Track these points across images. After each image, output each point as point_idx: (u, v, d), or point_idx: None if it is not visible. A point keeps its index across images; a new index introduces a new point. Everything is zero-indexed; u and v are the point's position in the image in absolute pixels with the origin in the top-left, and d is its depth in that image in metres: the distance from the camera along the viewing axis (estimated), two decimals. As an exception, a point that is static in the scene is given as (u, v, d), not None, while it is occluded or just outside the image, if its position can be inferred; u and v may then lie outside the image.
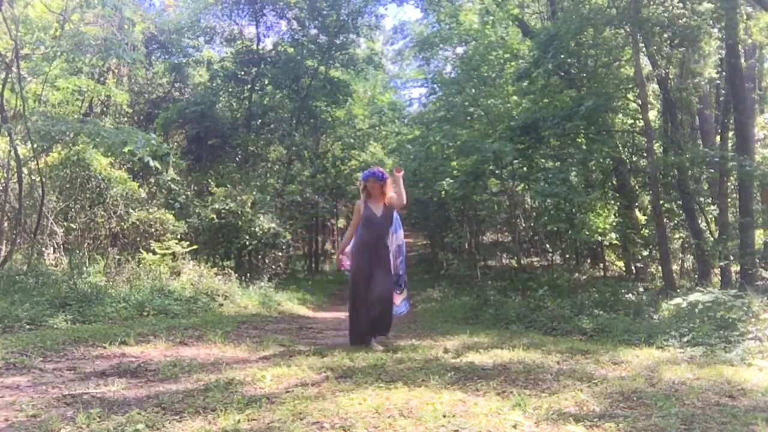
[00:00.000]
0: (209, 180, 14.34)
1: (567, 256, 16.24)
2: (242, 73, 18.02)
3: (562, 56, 11.64)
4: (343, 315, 11.00)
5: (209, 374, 3.93)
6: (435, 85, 16.50)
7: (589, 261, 16.32)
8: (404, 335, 6.87)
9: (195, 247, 11.33)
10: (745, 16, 11.22)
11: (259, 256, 15.10)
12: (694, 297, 6.76)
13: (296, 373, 3.95)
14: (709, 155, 10.94)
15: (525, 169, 12.22)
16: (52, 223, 9.38)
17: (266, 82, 18.38)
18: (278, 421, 2.75)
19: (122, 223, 10.90)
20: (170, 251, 10.35)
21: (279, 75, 17.59)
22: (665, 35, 11.54)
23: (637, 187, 13.77)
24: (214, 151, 17.05)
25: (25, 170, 8.95)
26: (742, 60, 12.15)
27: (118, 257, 9.75)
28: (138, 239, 11.10)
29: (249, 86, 18.18)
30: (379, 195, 5.41)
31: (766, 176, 10.32)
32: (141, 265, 9.54)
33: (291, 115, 19.04)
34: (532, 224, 17.52)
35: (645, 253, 13.54)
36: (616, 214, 13.02)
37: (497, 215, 17.78)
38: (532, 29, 14.50)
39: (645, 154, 12.36)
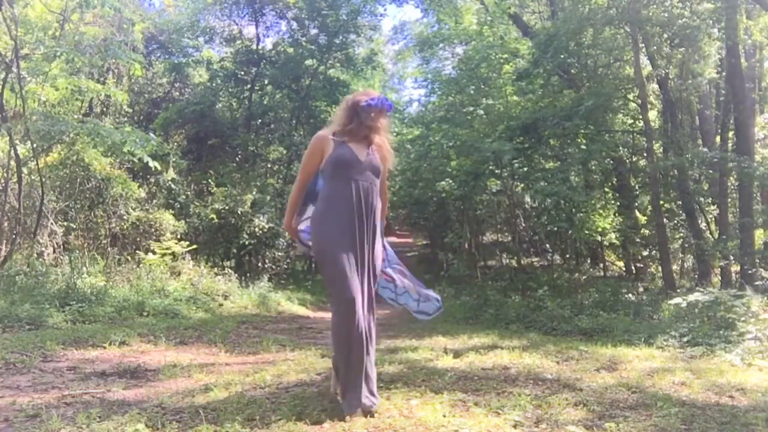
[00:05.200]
0: (209, 180, 14.33)
1: (567, 256, 16.23)
2: (242, 73, 18.01)
3: (562, 56, 11.64)
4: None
5: (209, 374, 3.93)
6: (435, 85, 16.50)
7: (589, 261, 16.31)
8: (404, 335, 6.87)
9: (195, 247, 11.32)
10: (745, 16, 11.22)
11: (259, 256, 15.09)
12: (694, 297, 6.76)
13: (296, 373, 3.95)
14: (709, 155, 10.94)
15: (525, 169, 12.22)
16: (51, 223, 9.38)
17: (266, 82, 18.37)
18: (278, 422, 2.75)
19: (122, 223, 10.90)
20: (170, 251, 10.35)
21: (279, 75, 17.58)
22: (665, 35, 11.54)
23: (637, 187, 13.77)
24: (214, 151, 17.05)
25: (24, 170, 8.94)
26: (742, 60, 12.14)
27: (118, 257, 9.74)
28: (138, 239, 11.09)
29: (249, 86, 18.16)
30: (367, 137, 3.16)
31: (766, 176, 10.32)
32: (141, 265, 9.53)
33: (291, 115, 19.03)
34: (532, 224, 17.51)
35: (645, 253, 13.54)
36: (616, 214, 13.03)
37: (497, 215, 17.78)
38: (532, 29, 14.50)
39: (645, 154, 12.37)
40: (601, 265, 15.21)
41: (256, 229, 13.50)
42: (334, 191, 3.03)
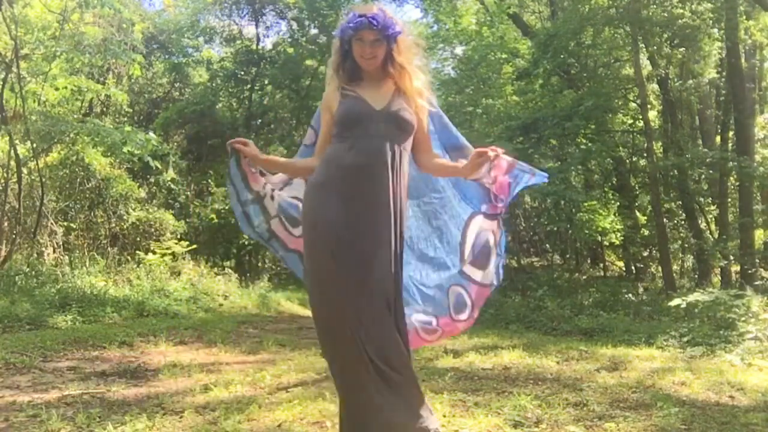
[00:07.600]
0: (209, 180, 14.34)
1: (567, 256, 16.23)
2: (242, 73, 18.02)
3: (562, 56, 11.64)
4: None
5: (209, 374, 3.93)
6: (434, 86, 16.49)
7: (589, 261, 16.32)
8: (404, 335, 6.87)
9: (195, 247, 11.33)
10: (744, 16, 11.22)
11: (259, 256, 15.08)
12: (694, 297, 6.76)
13: (296, 373, 3.95)
14: (709, 155, 10.95)
15: (524, 169, 12.20)
16: (51, 223, 9.38)
17: (266, 82, 18.39)
18: (278, 421, 2.75)
19: (122, 223, 10.90)
20: (170, 251, 10.35)
21: (279, 75, 17.58)
22: (665, 35, 11.55)
23: (637, 187, 13.77)
24: (214, 151, 17.05)
25: (24, 170, 8.94)
26: (743, 60, 12.14)
27: (118, 257, 9.75)
28: (138, 239, 11.10)
29: (249, 86, 18.18)
30: (382, 72, 2.29)
31: (766, 176, 10.32)
32: (141, 265, 9.53)
33: (291, 115, 19.05)
34: (532, 224, 17.50)
35: (645, 253, 13.54)
36: (616, 214, 13.04)
37: (497, 215, 17.74)
38: (532, 29, 14.50)
39: (645, 154, 12.37)
40: (601, 265, 15.21)
41: (256, 229, 13.52)
42: (332, 155, 2.23)
